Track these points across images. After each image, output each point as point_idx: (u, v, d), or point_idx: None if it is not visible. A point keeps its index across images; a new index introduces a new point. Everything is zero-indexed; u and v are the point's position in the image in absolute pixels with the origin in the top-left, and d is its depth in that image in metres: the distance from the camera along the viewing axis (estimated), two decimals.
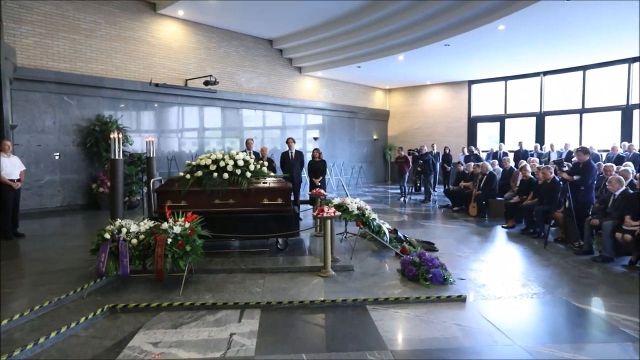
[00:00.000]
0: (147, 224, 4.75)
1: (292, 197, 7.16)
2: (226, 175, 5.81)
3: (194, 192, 5.76)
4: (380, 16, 11.50)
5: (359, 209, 6.16)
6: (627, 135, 13.28)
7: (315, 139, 16.82)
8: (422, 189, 13.65)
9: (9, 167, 7.13)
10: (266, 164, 6.51)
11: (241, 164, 5.95)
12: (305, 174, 11.90)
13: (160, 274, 4.38)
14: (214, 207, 5.76)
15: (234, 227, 5.62)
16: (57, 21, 10.03)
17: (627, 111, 13.41)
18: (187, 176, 5.88)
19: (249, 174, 5.91)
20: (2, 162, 7.04)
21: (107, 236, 4.50)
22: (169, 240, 4.44)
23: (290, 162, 9.06)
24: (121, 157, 5.92)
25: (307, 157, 12.47)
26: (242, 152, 6.38)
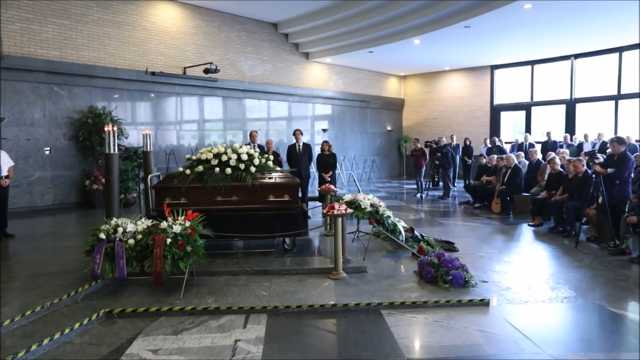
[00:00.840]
0: (144, 223, 4.80)
1: (300, 194, 7.18)
2: (229, 170, 5.83)
3: (194, 188, 5.79)
4: None
5: (372, 205, 6.16)
6: None
7: (324, 131, 16.81)
8: (441, 184, 13.58)
9: None
10: (272, 157, 6.51)
11: (245, 158, 5.96)
12: (313, 169, 11.90)
13: (159, 277, 4.42)
14: (216, 205, 5.79)
15: (237, 226, 5.64)
16: (46, 5, 10.09)
17: None
18: (187, 171, 5.90)
19: (253, 169, 5.92)
20: None
21: (103, 236, 4.54)
22: (169, 240, 4.47)
23: (297, 156, 9.07)
24: (116, 151, 5.97)
25: (316, 151, 12.47)
26: (246, 145, 6.40)
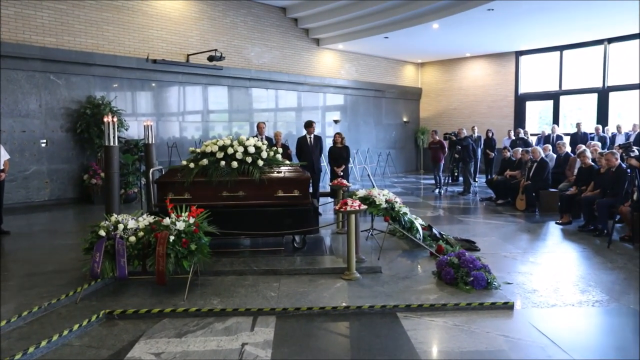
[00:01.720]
0: (146, 219, 4.84)
1: (311, 189, 7.18)
2: (235, 163, 5.85)
3: (198, 183, 5.82)
4: None
5: (387, 202, 6.15)
6: None
7: (335, 122, 16.80)
8: (461, 179, 13.53)
9: None
10: (280, 150, 6.54)
11: (252, 150, 5.97)
12: (325, 163, 11.91)
13: (162, 276, 4.45)
14: (222, 200, 5.81)
15: (244, 223, 5.67)
16: None
17: None
18: (191, 165, 5.93)
19: (261, 163, 5.94)
20: None
21: (102, 233, 4.59)
22: (172, 237, 4.49)
23: (308, 149, 9.07)
24: (116, 143, 6.03)
25: (327, 143, 12.47)
26: (253, 138, 6.41)
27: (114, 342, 3.74)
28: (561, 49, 16.27)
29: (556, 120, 16.30)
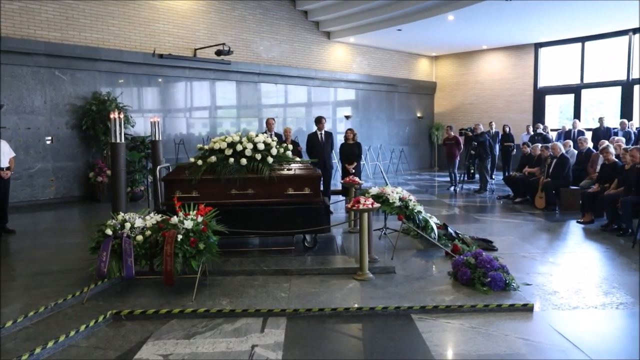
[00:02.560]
0: (153, 218, 4.87)
1: (322, 187, 7.18)
2: (244, 161, 5.86)
3: (207, 180, 5.84)
4: None
5: (401, 200, 6.13)
6: None
7: (347, 118, 16.78)
8: (477, 176, 13.46)
9: None
10: (290, 147, 6.54)
11: (261, 147, 5.98)
12: (336, 159, 11.89)
13: (169, 276, 4.48)
14: (231, 199, 5.83)
15: (253, 222, 5.69)
16: None
17: None
18: (199, 162, 5.96)
19: (270, 159, 5.94)
20: None
21: (109, 232, 4.62)
22: (180, 236, 4.52)
23: (319, 145, 9.06)
24: (122, 140, 6.06)
25: (339, 140, 12.46)
26: (262, 134, 6.42)
27: (122, 343, 3.78)
28: (583, 40, 16.08)
29: (577, 114, 16.11)
